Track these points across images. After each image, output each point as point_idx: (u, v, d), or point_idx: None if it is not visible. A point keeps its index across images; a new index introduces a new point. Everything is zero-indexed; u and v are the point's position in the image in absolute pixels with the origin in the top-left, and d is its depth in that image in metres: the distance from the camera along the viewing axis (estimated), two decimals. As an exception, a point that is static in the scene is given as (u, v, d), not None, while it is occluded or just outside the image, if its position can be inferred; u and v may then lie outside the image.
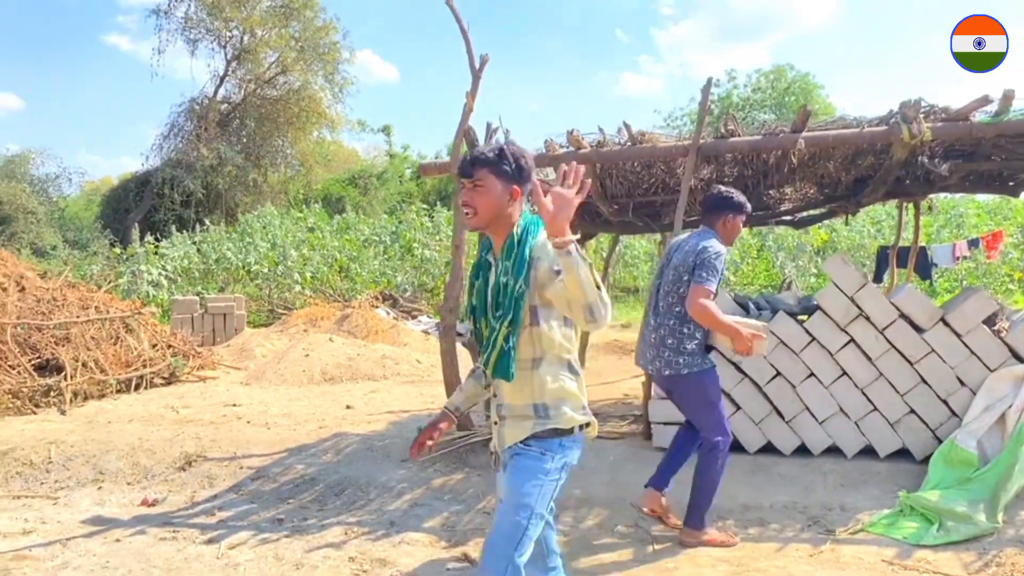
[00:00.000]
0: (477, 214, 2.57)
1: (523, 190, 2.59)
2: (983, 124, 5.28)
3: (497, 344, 2.53)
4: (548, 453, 2.58)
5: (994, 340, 5.22)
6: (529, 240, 2.55)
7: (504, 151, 2.57)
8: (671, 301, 4.32)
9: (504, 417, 2.65)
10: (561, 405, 2.59)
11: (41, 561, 4.41)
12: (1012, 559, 4.11)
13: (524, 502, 2.53)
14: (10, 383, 8.22)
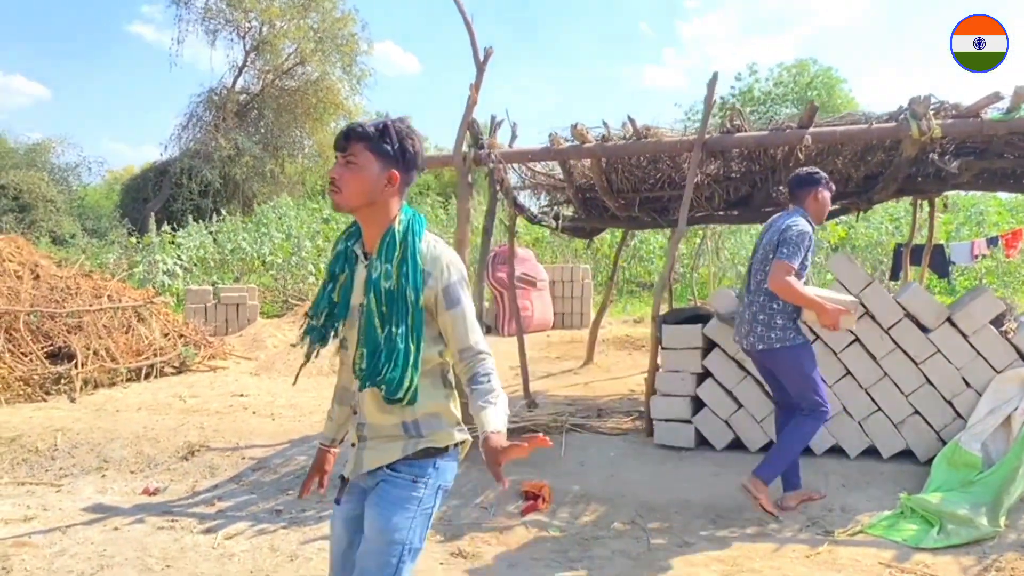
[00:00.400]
0: (342, 192, 2.25)
1: (405, 177, 2.30)
2: (994, 121, 5.19)
3: (410, 367, 2.22)
4: (420, 480, 2.30)
5: (1001, 341, 5.15)
6: (416, 243, 2.28)
7: (388, 127, 2.27)
8: (759, 279, 4.57)
9: (366, 438, 2.35)
10: (435, 422, 2.32)
11: (40, 548, 4.46)
12: (1012, 564, 4.05)
13: (394, 538, 2.25)
14: (22, 370, 8.31)
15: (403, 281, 2.23)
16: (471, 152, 5.73)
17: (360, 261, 2.35)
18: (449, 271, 2.28)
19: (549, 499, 4.96)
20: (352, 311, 2.35)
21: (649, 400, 5.88)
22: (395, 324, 2.22)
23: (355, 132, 2.26)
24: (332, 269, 2.41)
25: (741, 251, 17.41)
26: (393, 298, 2.23)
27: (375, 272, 2.25)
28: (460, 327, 2.28)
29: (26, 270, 10.15)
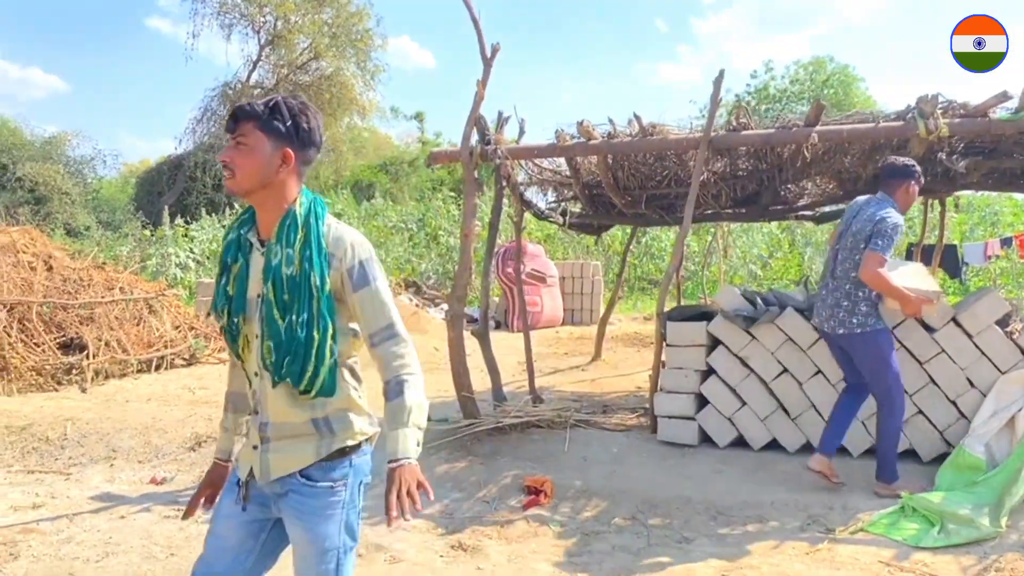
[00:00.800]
0: (234, 176, 2.09)
1: (300, 156, 2.15)
2: (1002, 121, 5.17)
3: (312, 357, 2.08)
4: (338, 483, 2.17)
5: (1006, 342, 5.13)
6: (319, 226, 2.13)
7: (279, 104, 2.12)
8: (847, 266, 4.71)
9: (269, 439, 2.17)
10: (345, 418, 2.18)
11: (47, 535, 4.52)
12: (1012, 564, 4.04)
13: (326, 547, 2.16)
14: (34, 360, 8.40)
15: (306, 266, 2.07)
16: (478, 148, 5.76)
17: (256, 249, 2.19)
18: (354, 250, 2.13)
19: (551, 494, 4.99)
20: (250, 303, 2.18)
21: (653, 396, 5.90)
22: (297, 313, 2.07)
23: (243, 111, 2.11)
24: (224, 260, 2.24)
25: (752, 249, 17.39)
26: (296, 284, 2.07)
27: (274, 258, 2.10)
28: (370, 308, 2.13)
29: (40, 261, 10.25)
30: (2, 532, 4.50)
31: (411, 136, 42.42)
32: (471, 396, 6.03)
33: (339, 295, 2.15)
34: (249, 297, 2.17)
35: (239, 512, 2.24)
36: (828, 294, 4.84)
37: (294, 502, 2.16)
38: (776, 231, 17.41)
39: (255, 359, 2.18)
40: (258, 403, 2.19)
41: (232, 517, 2.25)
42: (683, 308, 6.44)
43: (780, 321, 5.46)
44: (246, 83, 26.86)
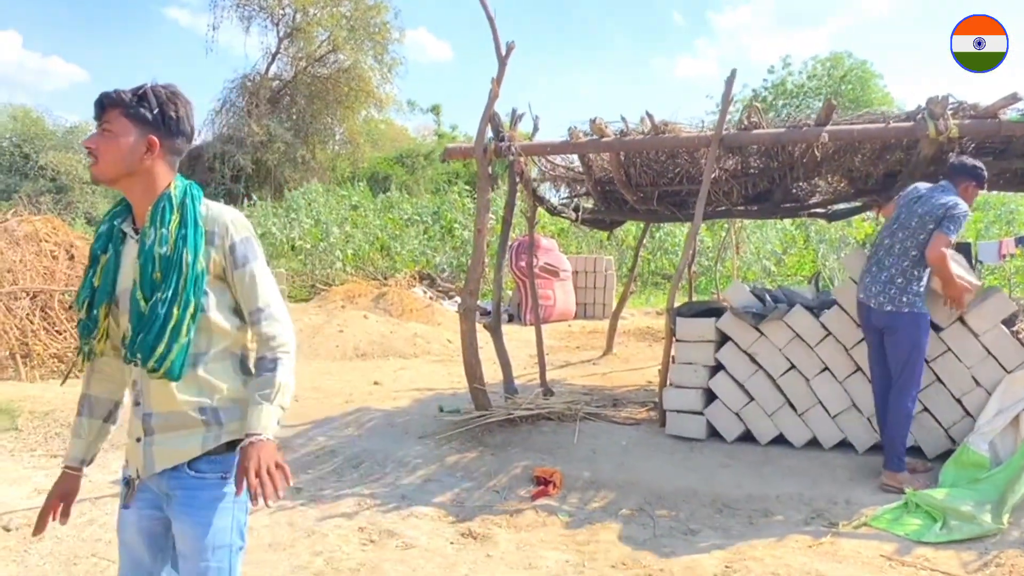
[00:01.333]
0: (99, 162, 2.07)
1: (167, 144, 2.11)
2: (1012, 122, 5.21)
3: (166, 333, 2.01)
4: (229, 475, 2.12)
5: (1012, 341, 5.18)
6: (195, 206, 2.10)
7: (147, 93, 2.09)
8: (908, 245, 4.87)
9: (153, 431, 2.10)
10: (235, 409, 2.13)
11: (71, 518, 4.65)
12: (1012, 560, 4.09)
13: (217, 542, 2.11)
14: (56, 347, 8.59)
15: (179, 244, 2.04)
16: (492, 144, 5.85)
17: (130, 238, 2.14)
18: (235, 228, 2.12)
19: (560, 485, 5.09)
20: (123, 295, 2.12)
21: (662, 391, 5.98)
22: (161, 291, 2.03)
23: (109, 98, 2.08)
24: (94, 251, 2.17)
25: (766, 245, 17.40)
26: (168, 263, 2.03)
27: (148, 239, 2.05)
28: (250, 287, 2.12)
29: (61, 250, 10.44)
30: (27, 514, 4.64)
31: (427, 129, 42.53)
32: (483, 388, 6.14)
33: (222, 274, 2.13)
34: (121, 288, 2.12)
35: (131, 513, 2.18)
36: (881, 271, 4.97)
37: (183, 497, 2.10)
38: (790, 227, 17.41)
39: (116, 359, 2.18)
40: (139, 394, 2.12)
41: (129, 521, 2.19)
42: (693, 304, 6.51)
43: (788, 318, 5.53)
44: (264, 75, 27.06)
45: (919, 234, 4.84)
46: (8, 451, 6.03)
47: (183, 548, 2.13)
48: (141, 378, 2.10)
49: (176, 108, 2.11)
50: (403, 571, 3.90)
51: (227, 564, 2.13)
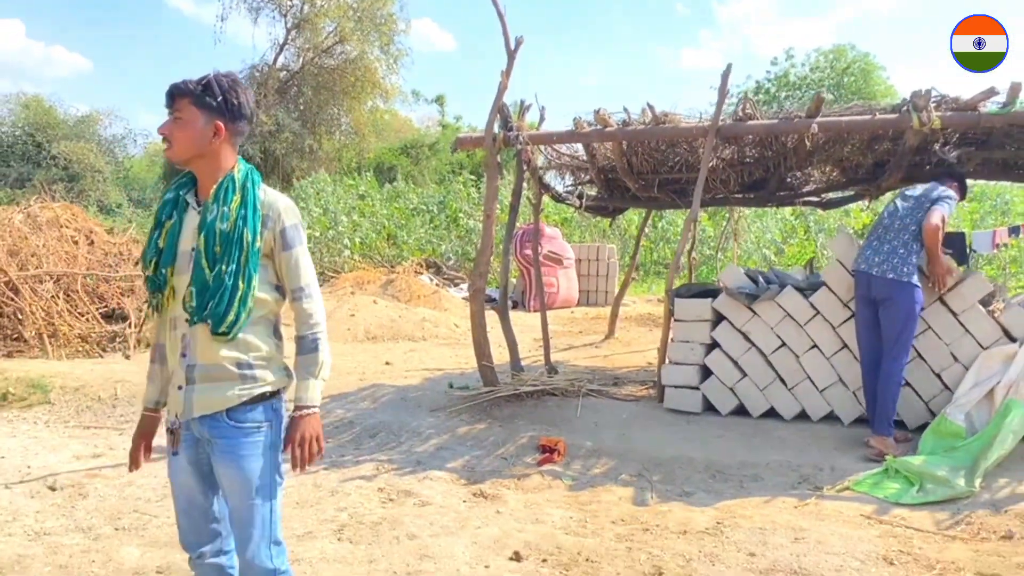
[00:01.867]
0: (173, 147, 2.37)
1: (232, 128, 2.40)
2: (991, 114, 5.54)
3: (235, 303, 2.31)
4: (263, 424, 2.42)
5: (988, 320, 5.52)
6: (255, 190, 2.39)
7: (211, 83, 2.36)
8: (908, 221, 5.35)
9: (195, 380, 2.37)
10: (267, 365, 2.42)
11: (110, 479, 5.02)
12: (981, 519, 4.43)
13: (261, 484, 2.40)
14: (80, 328, 8.95)
15: (240, 223, 2.32)
16: (500, 134, 6.19)
17: (192, 208, 2.42)
18: (286, 214, 2.41)
19: (564, 453, 5.44)
20: (182, 256, 2.39)
21: (661, 368, 6.34)
22: (225, 263, 2.30)
23: (178, 89, 2.35)
24: (159, 216, 2.44)
25: (766, 234, 17.70)
26: (228, 239, 2.30)
27: (210, 215, 2.32)
28: (293, 267, 2.41)
29: (82, 236, 10.81)
30: (70, 476, 5.01)
31: (431, 119, 42.84)
32: (491, 365, 6.49)
33: (269, 253, 2.40)
34: (181, 251, 2.39)
35: (183, 461, 2.44)
36: (883, 243, 5.40)
37: (225, 445, 2.37)
38: (790, 217, 17.72)
39: (173, 316, 2.42)
40: (186, 347, 2.37)
41: (181, 470, 2.45)
42: (691, 285, 6.86)
43: (780, 299, 5.87)
44: (273, 66, 27.36)
45: (917, 212, 5.32)
46: (44, 422, 6.40)
47: (228, 491, 2.42)
48: (190, 333, 2.36)
49: (237, 95, 2.39)
50: (421, 524, 4.26)
51: (270, 501, 2.42)
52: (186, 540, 2.54)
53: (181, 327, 2.38)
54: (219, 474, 2.42)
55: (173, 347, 2.42)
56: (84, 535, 4.12)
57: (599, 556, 3.89)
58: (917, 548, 4.07)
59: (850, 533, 4.23)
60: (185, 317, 2.36)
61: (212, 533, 2.54)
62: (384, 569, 3.71)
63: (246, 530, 2.41)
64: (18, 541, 4.01)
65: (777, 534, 4.16)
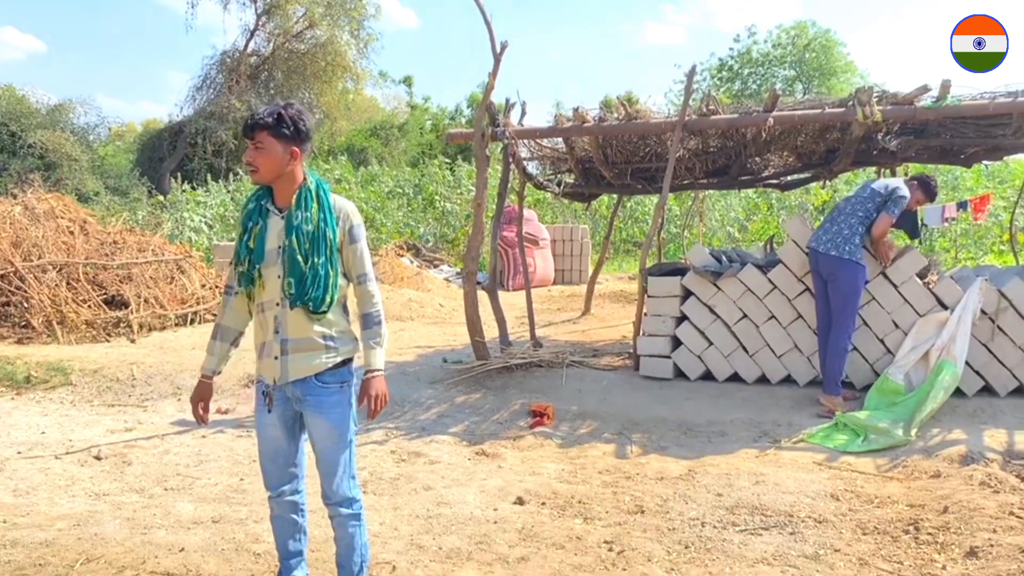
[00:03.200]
0: (259, 171, 2.85)
1: (303, 148, 2.88)
2: (925, 108, 6.24)
3: (329, 288, 2.86)
4: (345, 384, 2.98)
5: (924, 291, 6.24)
6: (328, 198, 2.94)
7: (282, 115, 2.80)
8: (857, 207, 6.03)
9: (288, 352, 2.90)
10: (345, 338, 2.97)
11: (148, 449, 5.59)
12: (916, 463, 5.15)
13: (343, 432, 2.98)
14: (86, 314, 9.42)
15: (322, 224, 2.87)
16: (488, 130, 6.78)
17: (273, 214, 2.91)
18: (352, 217, 2.96)
19: (553, 416, 6.10)
20: (269, 254, 2.88)
21: (636, 339, 7.01)
22: (316, 256, 2.85)
23: (258, 123, 2.81)
24: (245, 223, 2.93)
25: (730, 213, 18.45)
26: (315, 237, 2.85)
27: (295, 220, 2.85)
28: (360, 258, 2.97)
29: (76, 226, 11.21)
30: (111, 447, 5.57)
31: (399, 100, 43.04)
32: (483, 341, 7.11)
33: (340, 247, 2.94)
34: (269, 249, 2.89)
35: (273, 417, 2.98)
36: (833, 225, 6.04)
37: (314, 402, 2.92)
38: (753, 196, 18.45)
39: (275, 293, 2.90)
40: (279, 325, 2.90)
41: (270, 424, 3.00)
42: (662, 265, 7.53)
43: (741, 275, 6.55)
44: (244, 51, 27.54)
45: (868, 203, 6.00)
46: (70, 402, 6.92)
47: (318, 437, 2.98)
48: (281, 315, 2.90)
49: (304, 122, 2.87)
50: (433, 478, 4.90)
51: (351, 445, 3.04)
52: (271, 481, 3.10)
53: (272, 310, 2.92)
54: (309, 425, 2.99)
55: (264, 325, 2.96)
56: (139, 495, 4.70)
57: (589, 498, 4.55)
58: (860, 487, 4.78)
59: (803, 476, 4.92)
60: (277, 301, 2.90)
61: (291, 476, 3.11)
62: (408, 514, 4.34)
63: (333, 467, 2.99)
64: (83, 500, 4.58)
65: (741, 478, 4.84)
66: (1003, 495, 4.35)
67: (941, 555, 3.75)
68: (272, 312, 2.93)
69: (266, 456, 3.09)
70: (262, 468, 3.13)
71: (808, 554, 3.79)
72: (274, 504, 3.16)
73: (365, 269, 3.02)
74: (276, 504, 3.15)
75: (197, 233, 16.18)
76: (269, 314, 2.94)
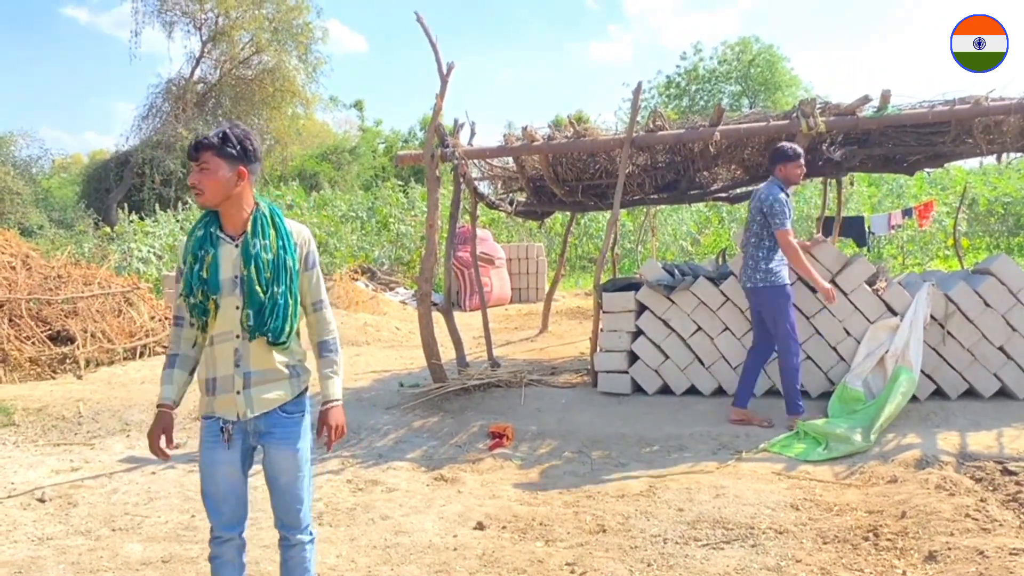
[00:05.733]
0: (204, 194, 2.73)
1: (251, 169, 2.78)
2: (866, 118, 6.35)
3: (289, 317, 2.80)
4: (304, 413, 2.92)
5: (874, 298, 6.33)
6: (284, 224, 2.86)
7: (228, 135, 2.72)
8: (750, 236, 5.91)
9: (251, 385, 2.80)
10: (304, 366, 2.93)
11: (94, 489, 5.40)
12: (872, 469, 5.19)
13: (303, 461, 2.91)
14: (30, 352, 9.14)
15: (281, 252, 2.79)
16: (438, 151, 6.74)
17: (225, 242, 2.79)
18: (309, 242, 2.92)
19: (512, 437, 6.04)
20: (225, 284, 2.77)
21: (593, 356, 6.99)
22: (277, 285, 2.77)
23: (202, 144, 2.72)
24: (196, 252, 2.78)
25: (682, 227, 18.64)
26: (275, 265, 2.77)
27: (254, 248, 2.76)
28: (316, 284, 2.93)
29: (18, 261, 10.91)
30: (56, 488, 5.37)
31: (350, 123, 42.92)
32: (439, 363, 7.04)
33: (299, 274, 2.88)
34: (224, 279, 2.77)
35: (228, 452, 2.83)
36: (745, 257, 5.99)
37: (281, 434, 2.83)
38: (704, 209, 18.69)
39: (232, 324, 2.79)
40: (239, 358, 2.79)
41: (226, 463, 2.84)
42: (616, 280, 7.54)
43: (694, 288, 6.58)
44: (190, 79, 27.25)
45: (753, 224, 5.90)
46: (12, 443, 6.67)
47: (283, 469, 2.87)
48: (243, 346, 2.79)
49: (251, 142, 2.78)
50: (391, 506, 4.80)
51: (308, 474, 2.94)
52: (223, 523, 2.91)
53: (230, 342, 2.80)
54: (273, 457, 2.87)
55: (218, 359, 2.82)
56: (85, 537, 4.53)
57: (550, 520, 4.50)
58: (819, 495, 4.80)
59: (763, 487, 4.93)
60: (237, 333, 2.79)
61: (243, 516, 2.97)
62: (365, 545, 4.24)
63: (298, 498, 2.91)
64: (25, 546, 4.40)
65: (701, 492, 4.83)
66: (958, 497, 4.40)
67: (901, 560, 3.76)
68: (230, 344, 2.81)
69: (219, 497, 2.90)
70: (212, 510, 2.93)
71: (770, 566, 3.78)
72: (223, 549, 2.97)
73: (321, 295, 2.97)
74: (225, 548, 2.97)
75: (146, 264, 15.87)
76: (226, 346, 2.82)
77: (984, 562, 3.52)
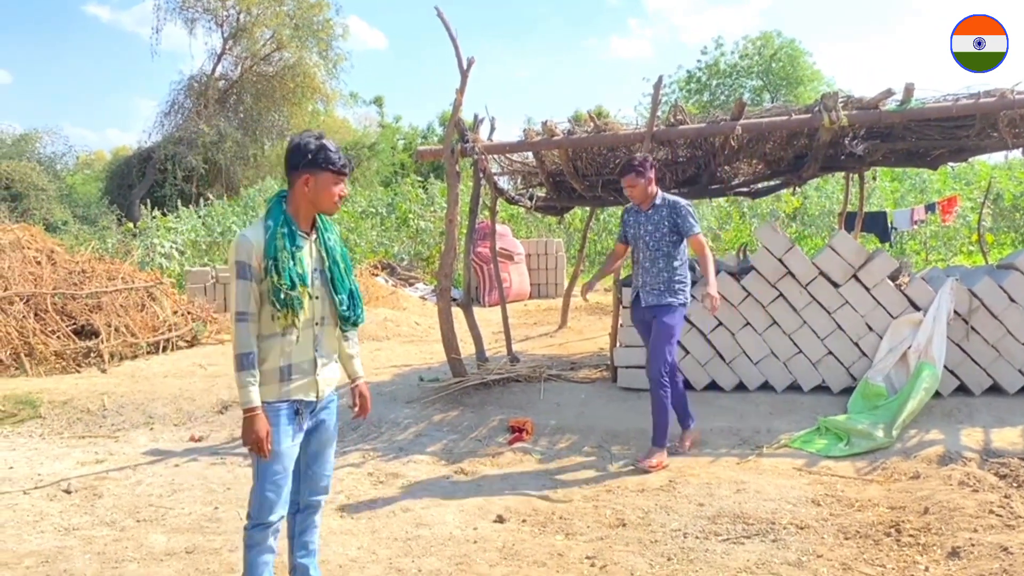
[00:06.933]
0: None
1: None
2: (890, 112, 6.29)
3: (360, 299, 3.18)
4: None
5: (896, 292, 6.28)
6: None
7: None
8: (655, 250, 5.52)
9: (323, 367, 3.08)
10: None
11: (119, 481, 5.47)
12: (895, 464, 5.17)
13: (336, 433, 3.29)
14: (55, 346, 9.26)
15: (343, 247, 3.17)
16: (458, 146, 6.75)
17: (302, 237, 3.01)
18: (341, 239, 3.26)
19: (531, 431, 6.05)
20: (311, 275, 3.02)
21: (613, 351, 6.98)
22: (350, 275, 3.15)
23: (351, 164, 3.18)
24: (288, 245, 2.94)
25: (703, 222, 18.53)
26: (345, 258, 3.14)
27: (330, 242, 3.09)
28: None
29: (43, 256, 11.04)
30: (81, 480, 5.45)
31: (369, 119, 43.01)
32: (459, 358, 7.05)
33: None
34: (311, 272, 3.02)
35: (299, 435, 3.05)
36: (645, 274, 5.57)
37: (332, 408, 3.19)
38: (725, 204, 18.57)
39: (318, 312, 3.04)
40: (318, 344, 3.04)
41: (296, 443, 3.04)
42: (636, 276, 7.51)
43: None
44: (211, 75, 27.42)
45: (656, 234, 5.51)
46: (39, 435, 6.77)
47: (326, 441, 3.20)
48: (320, 333, 3.06)
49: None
50: (412, 498, 4.83)
51: None
52: (286, 503, 3.09)
53: (311, 329, 3.03)
54: (328, 430, 3.20)
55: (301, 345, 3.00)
56: (110, 528, 4.58)
57: (570, 514, 4.51)
58: (840, 491, 4.78)
59: (784, 483, 4.92)
60: (316, 321, 3.04)
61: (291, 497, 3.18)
62: (387, 537, 4.27)
63: (329, 474, 3.26)
64: (52, 536, 4.46)
65: (722, 487, 4.83)
66: (982, 494, 4.36)
67: (923, 556, 3.74)
68: (310, 331, 3.04)
69: (283, 483, 3.05)
70: (275, 496, 3.02)
71: (791, 561, 3.77)
72: (267, 535, 3.06)
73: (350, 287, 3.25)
74: (271, 535, 3.07)
75: (168, 259, 15.97)
76: (307, 333, 3.03)
77: (1008, 558, 3.49)
